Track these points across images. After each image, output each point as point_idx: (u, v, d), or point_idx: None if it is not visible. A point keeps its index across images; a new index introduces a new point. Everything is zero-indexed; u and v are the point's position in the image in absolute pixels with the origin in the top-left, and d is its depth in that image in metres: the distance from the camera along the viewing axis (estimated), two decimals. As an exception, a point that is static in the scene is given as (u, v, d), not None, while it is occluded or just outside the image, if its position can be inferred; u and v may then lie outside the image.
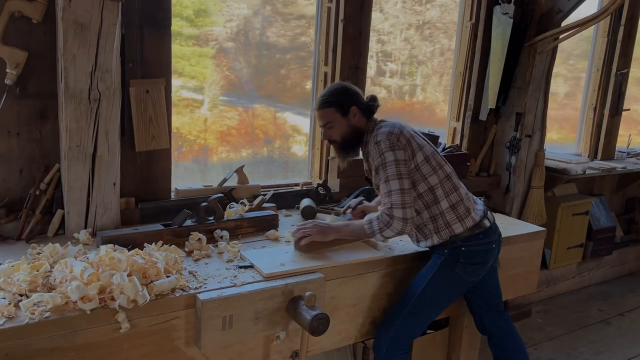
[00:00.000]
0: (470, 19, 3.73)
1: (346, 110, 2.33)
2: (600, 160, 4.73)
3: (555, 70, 4.60)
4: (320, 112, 2.36)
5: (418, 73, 3.91)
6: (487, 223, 2.35)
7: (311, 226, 2.27)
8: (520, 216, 3.90)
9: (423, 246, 2.39)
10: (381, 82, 3.76)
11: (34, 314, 1.62)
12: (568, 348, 3.63)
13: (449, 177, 2.32)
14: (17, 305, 1.66)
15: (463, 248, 2.28)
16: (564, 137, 4.93)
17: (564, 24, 3.58)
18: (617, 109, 4.70)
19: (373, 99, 2.41)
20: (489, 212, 2.42)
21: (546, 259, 4.28)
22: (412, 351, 2.65)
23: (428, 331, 2.74)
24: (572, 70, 4.80)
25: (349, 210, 2.64)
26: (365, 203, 2.66)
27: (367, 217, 2.32)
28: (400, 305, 2.33)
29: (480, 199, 2.51)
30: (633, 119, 5.36)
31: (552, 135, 4.87)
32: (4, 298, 1.68)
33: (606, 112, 4.70)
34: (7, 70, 2.19)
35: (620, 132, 4.92)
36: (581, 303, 4.37)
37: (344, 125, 2.34)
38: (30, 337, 1.60)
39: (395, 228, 2.18)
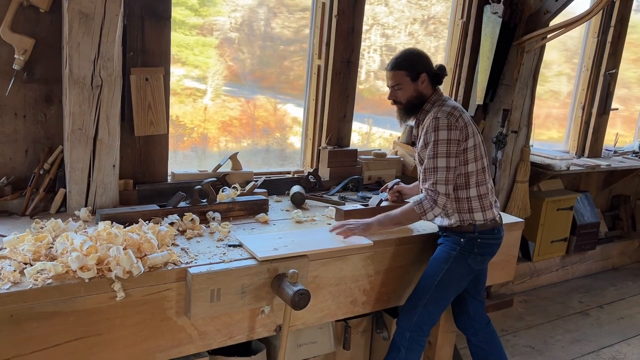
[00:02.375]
0: (462, 17, 3.86)
1: (416, 75, 2.46)
2: (587, 157, 4.87)
3: (558, 69, 4.75)
4: (392, 73, 2.49)
5: None
6: (499, 220, 2.55)
7: (355, 225, 2.42)
8: (505, 209, 4.05)
9: (439, 222, 2.54)
10: (384, 76, 3.87)
11: (37, 280, 1.77)
12: (545, 336, 3.78)
13: (484, 170, 2.47)
14: (22, 272, 1.81)
15: (479, 240, 2.45)
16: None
17: (552, 23, 3.71)
18: (605, 108, 4.84)
19: (442, 68, 2.54)
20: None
21: (530, 251, 4.43)
22: (390, 332, 2.81)
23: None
24: (575, 69, 4.91)
25: (386, 190, 2.83)
26: (402, 184, 2.82)
27: (412, 200, 2.43)
28: (419, 295, 2.49)
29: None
30: (627, 117, 5.51)
31: (553, 133, 5.01)
32: (10, 265, 1.83)
33: (594, 111, 4.83)
34: (15, 56, 2.33)
35: (610, 130, 5.07)
36: (562, 295, 4.53)
37: (411, 90, 2.47)
38: (34, 301, 1.74)
39: (440, 204, 2.35)
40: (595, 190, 5.10)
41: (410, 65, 2.46)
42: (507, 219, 3.06)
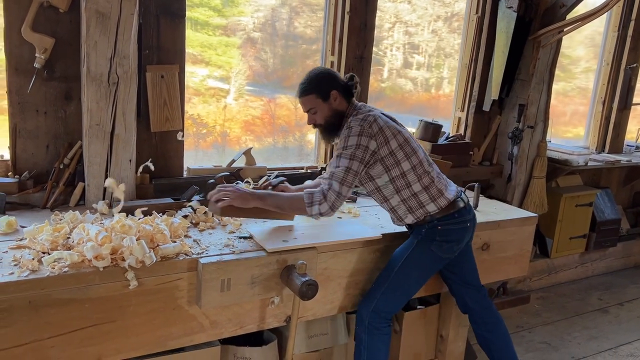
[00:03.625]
0: (477, 12, 3.85)
1: (326, 95, 2.43)
2: (608, 153, 4.81)
3: (586, 65, 4.70)
4: (303, 99, 2.47)
5: (445, 66, 4.03)
6: (460, 203, 2.49)
7: (232, 190, 2.30)
8: (521, 205, 4.02)
9: (401, 226, 2.54)
10: (407, 74, 3.89)
11: (54, 268, 1.85)
12: (562, 333, 3.75)
13: (421, 163, 2.44)
14: (40, 261, 1.89)
15: (439, 227, 2.43)
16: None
17: (568, 17, 3.68)
18: (626, 103, 4.77)
19: (351, 78, 2.51)
20: (462, 193, 2.56)
21: (547, 248, 4.40)
22: (402, 325, 2.83)
23: (419, 306, 2.92)
24: (603, 66, 4.84)
25: (269, 188, 2.61)
26: (287, 184, 2.66)
27: (306, 190, 2.35)
28: (380, 281, 2.49)
29: (456, 185, 2.63)
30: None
31: (580, 131, 4.96)
32: (29, 254, 1.91)
33: (615, 106, 4.77)
34: (36, 55, 2.42)
35: (631, 127, 5.00)
36: (581, 292, 4.48)
37: (326, 110, 2.45)
38: (51, 288, 1.82)
39: (330, 199, 2.27)
40: (616, 186, 5.02)
41: (317, 87, 2.44)
42: (519, 213, 3.06)
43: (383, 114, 2.48)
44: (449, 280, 2.68)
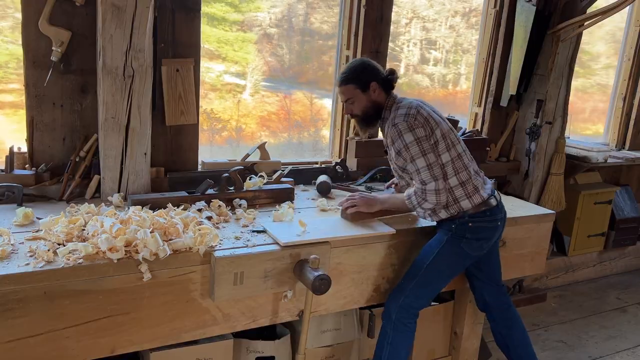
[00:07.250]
0: (495, 6, 3.79)
1: (366, 86, 2.46)
2: (628, 150, 4.72)
3: (606, 61, 4.62)
4: (342, 88, 2.50)
5: (462, 62, 3.99)
6: (493, 202, 2.47)
7: (359, 198, 2.47)
8: (538, 202, 3.96)
9: (431, 220, 2.52)
10: (424, 70, 3.85)
11: (69, 260, 1.87)
12: (579, 332, 3.70)
13: (460, 156, 2.44)
14: (55, 252, 1.90)
15: (470, 224, 2.41)
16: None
17: (589, 11, 3.61)
18: (647, 99, 4.67)
19: (391, 72, 2.53)
20: (496, 192, 2.54)
21: (565, 246, 4.34)
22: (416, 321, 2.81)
23: (433, 303, 2.89)
24: (624, 61, 4.75)
25: (392, 186, 2.79)
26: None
27: (406, 192, 2.46)
28: (409, 276, 2.47)
29: (490, 181, 2.62)
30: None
31: (599, 128, 4.88)
32: (45, 245, 1.93)
33: (636, 101, 4.67)
34: (53, 48, 2.43)
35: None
36: (599, 291, 4.41)
37: (364, 101, 2.48)
38: (65, 279, 1.84)
39: (431, 201, 2.36)
40: (636, 184, 4.92)
41: (357, 78, 2.45)
42: (536, 210, 3.02)
43: (423, 102, 2.48)
44: (473, 276, 2.66)
